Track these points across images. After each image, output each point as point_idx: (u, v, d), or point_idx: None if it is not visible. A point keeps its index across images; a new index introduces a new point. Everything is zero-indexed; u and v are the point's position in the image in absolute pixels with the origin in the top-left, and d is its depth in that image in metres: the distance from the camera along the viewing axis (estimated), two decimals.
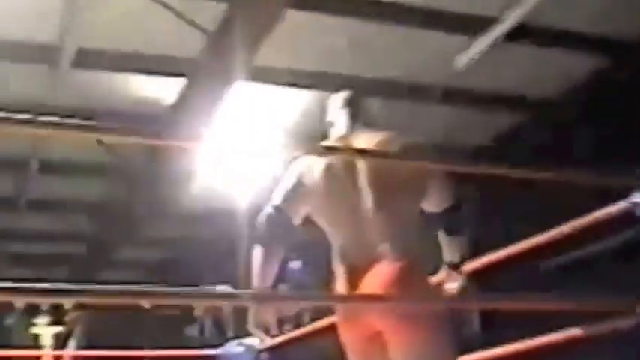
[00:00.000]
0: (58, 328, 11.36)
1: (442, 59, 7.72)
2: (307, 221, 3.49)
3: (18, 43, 7.12)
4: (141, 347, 8.34)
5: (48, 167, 9.03)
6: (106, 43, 7.22)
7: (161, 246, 10.71)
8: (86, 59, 7.28)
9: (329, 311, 6.19)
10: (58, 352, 11.02)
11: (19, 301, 11.54)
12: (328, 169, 3.40)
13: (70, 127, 2.56)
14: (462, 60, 7.66)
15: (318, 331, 6.76)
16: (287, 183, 3.44)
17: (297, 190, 3.42)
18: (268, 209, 3.35)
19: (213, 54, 7.00)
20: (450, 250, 3.68)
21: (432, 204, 3.54)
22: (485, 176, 3.68)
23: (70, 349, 9.64)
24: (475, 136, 9.42)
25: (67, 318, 10.84)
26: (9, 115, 2.31)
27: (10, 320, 11.52)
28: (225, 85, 7.32)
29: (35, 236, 10.83)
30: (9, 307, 11.54)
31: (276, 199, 3.38)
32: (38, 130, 2.67)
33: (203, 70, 7.43)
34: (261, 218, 3.36)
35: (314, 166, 3.42)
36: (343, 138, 3.55)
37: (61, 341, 10.87)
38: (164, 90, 8.02)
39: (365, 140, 3.46)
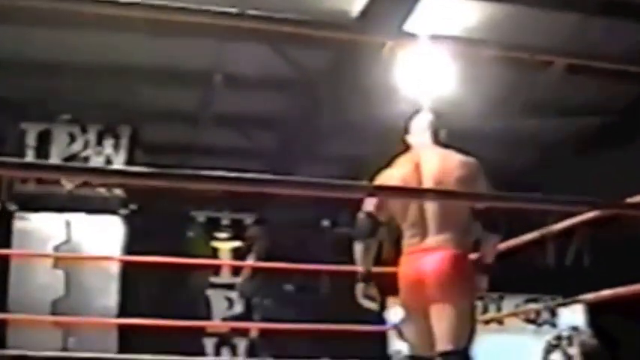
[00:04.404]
0: (237, 243, 11.54)
1: None
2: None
3: None
4: (321, 262, 8.31)
5: (232, 81, 8.99)
6: None
7: (343, 165, 10.57)
8: None
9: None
10: (236, 263, 11.23)
11: (201, 216, 11.86)
12: (403, 180, 4.54)
13: (249, 18, 2.51)
14: None
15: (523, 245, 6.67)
16: None
17: (382, 199, 4.57)
18: (362, 214, 4.62)
19: None
20: (485, 246, 4.62)
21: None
22: None
23: (249, 263, 9.73)
24: None
25: (246, 233, 10.95)
26: None
27: (190, 233, 11.76)
28: None
29: (216, 151, 10.91)
30: (190, 220, 11.79)
31: (368, 206, 4.61)
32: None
33: None
34: (359, 221, 4.63)
35: (392, 180, 4.57)
36: (414, 151, 4.76)
37: (239, 256, 11.01)
38: (350, 1, 7.80)
39: (431, 154, 4.67)
